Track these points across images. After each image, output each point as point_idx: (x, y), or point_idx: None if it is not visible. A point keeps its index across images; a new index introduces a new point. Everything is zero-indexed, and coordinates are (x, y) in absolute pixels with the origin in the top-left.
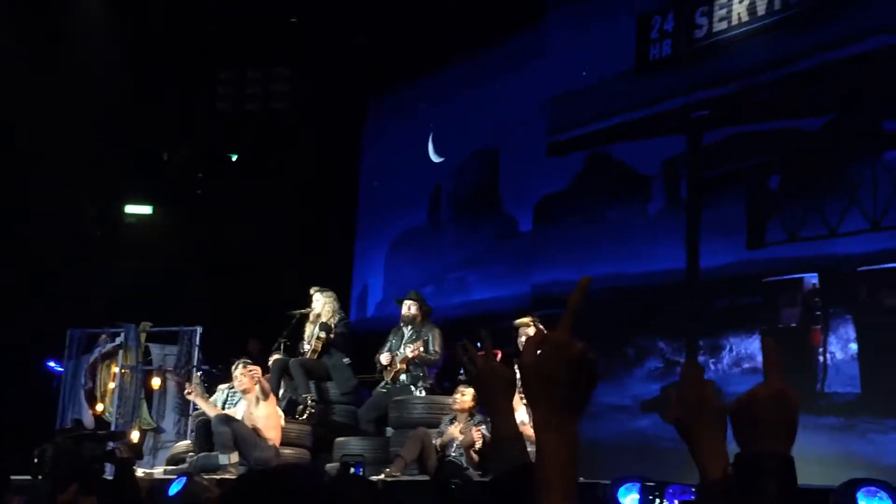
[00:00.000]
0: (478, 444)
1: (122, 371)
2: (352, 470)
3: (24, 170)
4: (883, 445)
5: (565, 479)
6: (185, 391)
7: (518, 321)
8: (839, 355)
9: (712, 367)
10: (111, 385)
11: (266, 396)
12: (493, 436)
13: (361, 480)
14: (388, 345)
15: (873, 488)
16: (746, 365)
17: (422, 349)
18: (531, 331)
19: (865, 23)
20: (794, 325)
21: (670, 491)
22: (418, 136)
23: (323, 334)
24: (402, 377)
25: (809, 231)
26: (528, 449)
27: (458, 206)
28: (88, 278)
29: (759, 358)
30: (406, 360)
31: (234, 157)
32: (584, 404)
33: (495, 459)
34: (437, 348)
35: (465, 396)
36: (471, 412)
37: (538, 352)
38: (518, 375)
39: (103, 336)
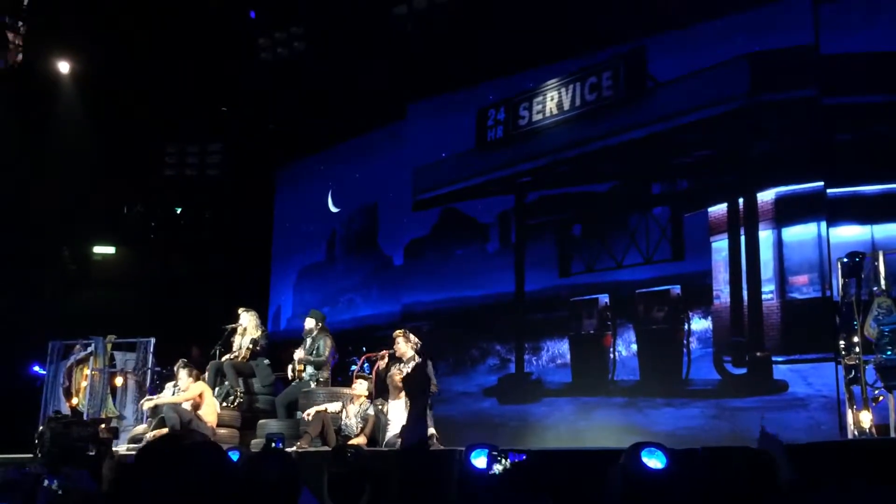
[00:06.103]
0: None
1: (93, 373)
2: (273, 444)
3: (19, 220)
4: (655, 417)
5: None
6: (141, 403)
7: (395, 332)
8: (624, 353)
9: (535, 363)
10: (84, 384)
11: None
12: None
13: (282, 453)
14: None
15: (652, 448)
16: (559, 361)
17: (308, 355)
18: (401, 339)
19: (637, 118)
20: (592, 332)
21: (510, 455)
22: (320, 193)
23: (251, 344)
24: (304, 375)
25: (602, 264)
26: None
27: (348, 246)
28: (66, 302)
29: (568, 356)
30: (301, 362)
31: (178, 210)
32: None
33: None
34: (323, 352)
35: (356, 389)
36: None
37: None
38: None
39: (77, 346)
